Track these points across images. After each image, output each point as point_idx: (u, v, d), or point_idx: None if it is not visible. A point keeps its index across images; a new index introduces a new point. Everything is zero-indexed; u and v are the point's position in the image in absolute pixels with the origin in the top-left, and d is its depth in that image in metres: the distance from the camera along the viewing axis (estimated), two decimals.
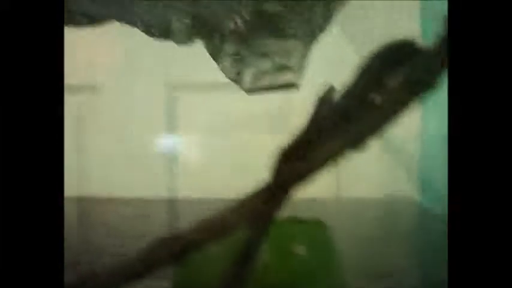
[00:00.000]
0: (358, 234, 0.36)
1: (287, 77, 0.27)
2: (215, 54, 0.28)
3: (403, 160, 0.46)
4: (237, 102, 0.45)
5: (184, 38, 0.28)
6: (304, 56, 0.27)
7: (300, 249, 0.22)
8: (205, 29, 0.28)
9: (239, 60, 0.28)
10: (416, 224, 0.42)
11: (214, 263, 0.23)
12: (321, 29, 0.26)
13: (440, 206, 0.42)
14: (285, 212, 0.14)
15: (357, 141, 0.13)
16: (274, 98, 0.37)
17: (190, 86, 0.48)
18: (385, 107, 0.13)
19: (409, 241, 0.37)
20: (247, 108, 0.46)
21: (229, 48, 0.28)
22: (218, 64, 0.28)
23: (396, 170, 0.47)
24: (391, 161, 0.46)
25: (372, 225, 0.39)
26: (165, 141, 0.48)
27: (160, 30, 0.28)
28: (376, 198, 0.46)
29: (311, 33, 0.26)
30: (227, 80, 0.45)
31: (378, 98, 0.13)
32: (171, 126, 0.48)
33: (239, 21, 0.27)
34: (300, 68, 0.27)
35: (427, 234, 0.38)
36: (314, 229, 0.21)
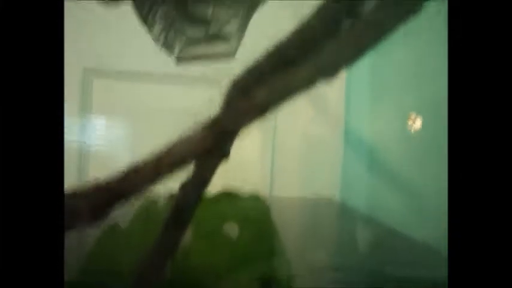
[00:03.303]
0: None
1: (223, 46, 0.25)
2: (145, 17, 0.25)
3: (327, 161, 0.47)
4: (158, 93, 0.43)
5: None
6: (242, 24, 0.25)
7: (234, 230, 0.20)
8: None
9: (170, 25, 0.25)
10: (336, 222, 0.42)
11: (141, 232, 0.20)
12: None
13: (361, 205, 0.43)
14: None
15: (327, 69, 0.11)
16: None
17: (108, 73, 0.44)
18: (359, 32, 0.11)
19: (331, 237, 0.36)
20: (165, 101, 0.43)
21: (160, 11, 0.25)
22: (147, 29, 0.25)
23: (320, 171, 0.47)
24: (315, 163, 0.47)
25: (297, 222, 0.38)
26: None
27: None
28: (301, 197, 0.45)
29: (252, 1, 0.24)
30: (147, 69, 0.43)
31: (349, 23, 0.11)
32: (85, 111, 0.43)
33: None
34: (237, 38, 0.25)
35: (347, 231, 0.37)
36: (251, 203, 0.19)
